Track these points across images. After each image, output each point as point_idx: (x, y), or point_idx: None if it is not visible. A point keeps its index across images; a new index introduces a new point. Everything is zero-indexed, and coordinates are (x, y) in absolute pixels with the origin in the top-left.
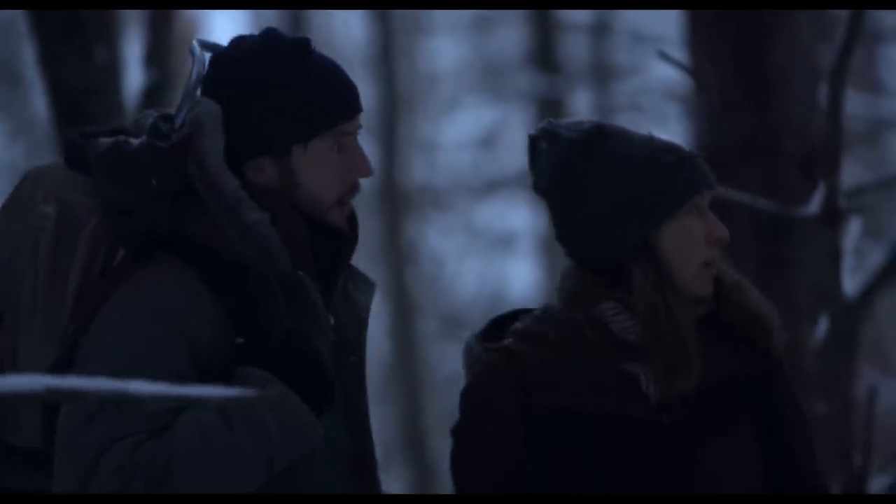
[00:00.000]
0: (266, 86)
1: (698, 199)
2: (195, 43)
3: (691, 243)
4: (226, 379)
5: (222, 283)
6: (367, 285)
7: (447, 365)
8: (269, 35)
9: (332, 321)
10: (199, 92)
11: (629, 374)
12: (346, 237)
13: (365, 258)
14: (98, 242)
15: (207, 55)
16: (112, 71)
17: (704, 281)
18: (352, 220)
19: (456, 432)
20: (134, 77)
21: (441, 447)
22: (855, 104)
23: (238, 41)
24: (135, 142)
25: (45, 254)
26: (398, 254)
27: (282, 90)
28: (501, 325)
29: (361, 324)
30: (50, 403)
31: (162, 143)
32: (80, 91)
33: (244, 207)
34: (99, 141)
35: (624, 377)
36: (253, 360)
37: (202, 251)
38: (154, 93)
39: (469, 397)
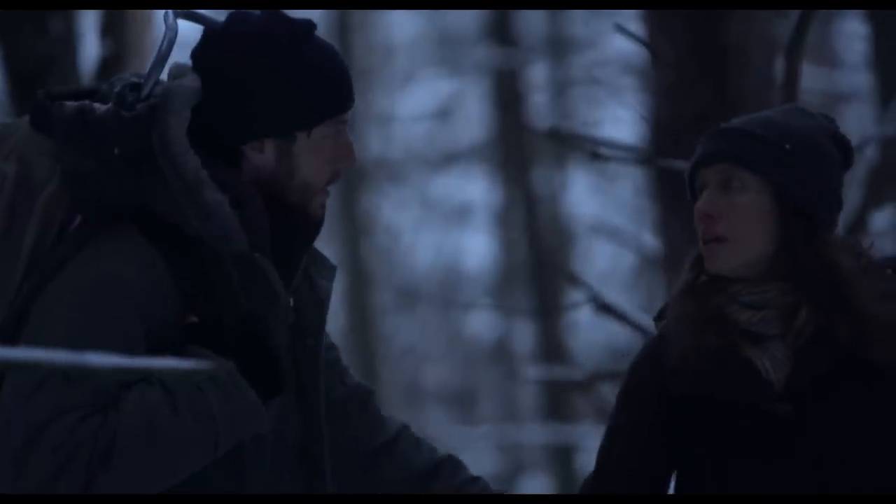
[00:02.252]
0: (275, 69)
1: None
2: (169, 12)
3: None
4: (174, 356)
5: (179, 259)
6: (329, 268)
7: (402, 337)
8: (274, 15)
9: (291, 303)
10: (187, 64)
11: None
12: (320, 223)
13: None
14: (55, 207)
15: (180, 24)
16: (68, 42)
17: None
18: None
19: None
20: (90, 48)
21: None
22: (810, 78)
23: (240, 17)
24: (100, 108)
25: (1, 215)
26: (353, 226)
27: (291, 75)
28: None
29: (321, 307)
30: None
31: (126, 113)
32: (35, 62)
33: (204, 187)
34: (64, 105)
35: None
36: (204, 340)
37: (162, 225)
38: (110, 64)
39: (626, 373)
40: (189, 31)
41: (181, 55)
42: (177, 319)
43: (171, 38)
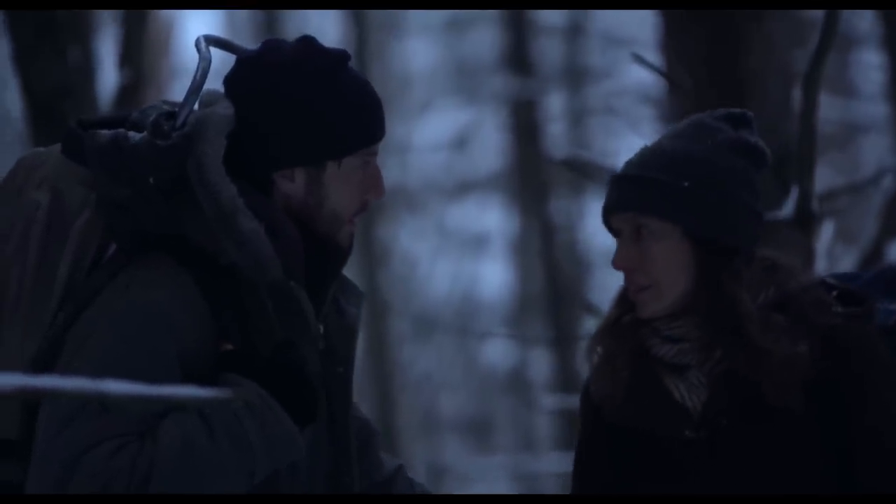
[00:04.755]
0: (308, 99)
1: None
2: (200, 38)
3: None
4: (210, 385)
5: (214, 287)
6: (357, 295)
7: (419, 366)
8: (309, 44)
9: (321, 330)
10: (218, 91)
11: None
12: (348, 252)
13: None
14: (90, 236)
15: (212, 52)
16: (86, 70)
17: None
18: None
19: None
20: (108, 77)
21: (413, 448)
22: (828, 108)
23: (274, 46)
24: (135, 137)
25: (35, 244)
26: (371, 254)
27: (323, 106)
28: None
29: (351, 334)
30: (29, 400)
31: (161, 142)
32: (53, 90)
33: (240, 215)
34: (98, 133)
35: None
36: (240, 368)
37: (196, 253)
38: (128, 92)
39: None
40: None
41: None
42: (212, 348)
43: (204, 68)
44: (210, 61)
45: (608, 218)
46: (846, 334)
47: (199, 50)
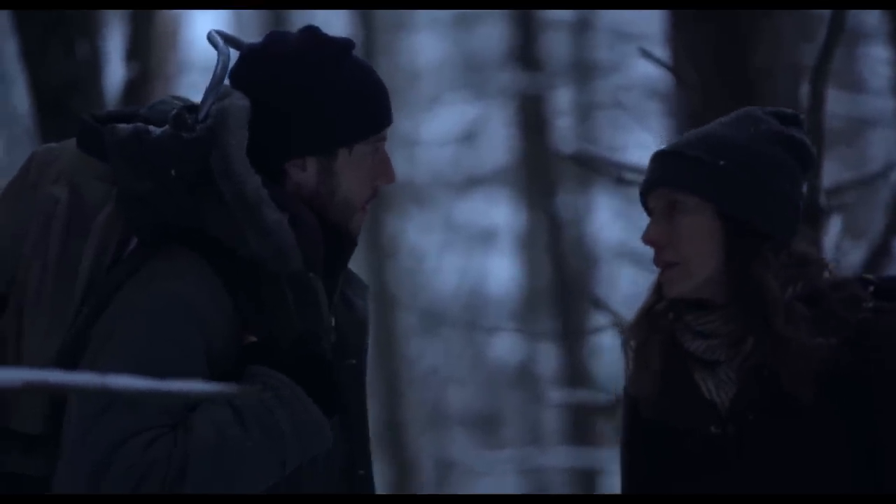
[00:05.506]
0: (313, 89)
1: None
2: (214, 34)
3: None
4: (235, 376)
5: (236, 279)
6: (362, 287)
7: (426, 360)
8: (313, 33)
9: (332, 322)
10: (226, 84)
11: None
12: (356, 242)
13: None
14: (111, 231)
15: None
16: (93, 65)
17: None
18: None
19: None
20: (115, 72)
21: (420, 443)
22: (836, 103)
23: (279, 37)
24: (155, 130)
25: (55, 239)
26: (378, 249)
27: (329, 94)
28: None
29: (362, 327)
30: (55, 395)
31: (186, 135)
32: (61, 85)
33: (264, 206)
34: (117, 127)
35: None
36: (265, 359)
37: (218, 246)
38: (135, 86)
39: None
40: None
41: (207, 78)
42: (235, 339)
43: (224, 61)
44: (229, 55)
45: (646, 198)
46: (876, 329)
47: (215, 45)
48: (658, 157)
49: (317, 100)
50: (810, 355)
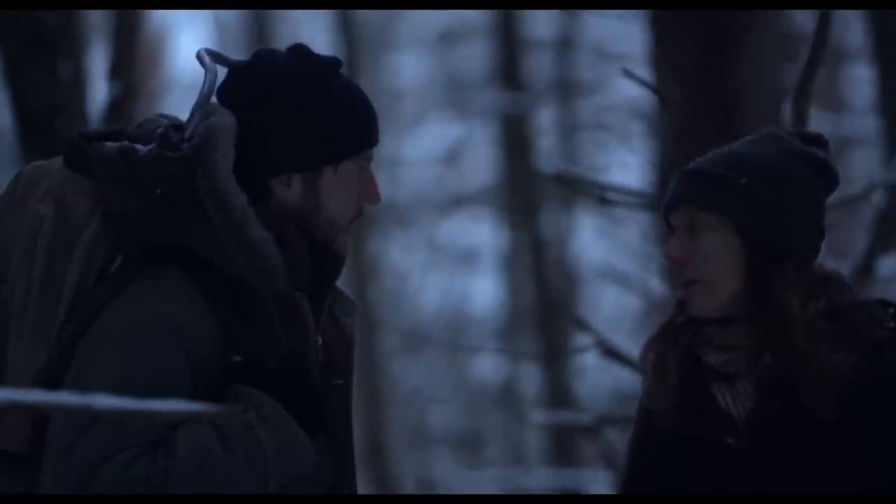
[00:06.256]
0: (300, 106)
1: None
2: (202, 51)
3: None
4: (220, 396)
5: (221, 298)
6: (350, 306)
7: (409, 380)
8: (301, 51)
9: (319, 341)
10: (212, 101)
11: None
12: (343, 261)
13: None
14: (97, 248)
15: (194, 66)
16: (77, 85)
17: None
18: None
19: None
20: (99, 91)
21: (403, 462)
22: (818, 122)
23: (266, 54)
24: (142, 149)
25: (41, 256)
26: (361, 269)
27: (316, 112)
28: None
29: (349, 346)
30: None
31: (172, 154)
32: (45, 105)
33: (250, 225)
34: (104, 145)
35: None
36: (249, 379)
37: (203, 265)
38: (118, 106)
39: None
40: (201, 73)
41: (190, 97)
42: (220, 359)
43: (211, 80)
44: (216, 73)
45: (668, 215)
46: None
47: (203, 63)
48: (681, 176)
49: (303, 116)
50: (830, 371)
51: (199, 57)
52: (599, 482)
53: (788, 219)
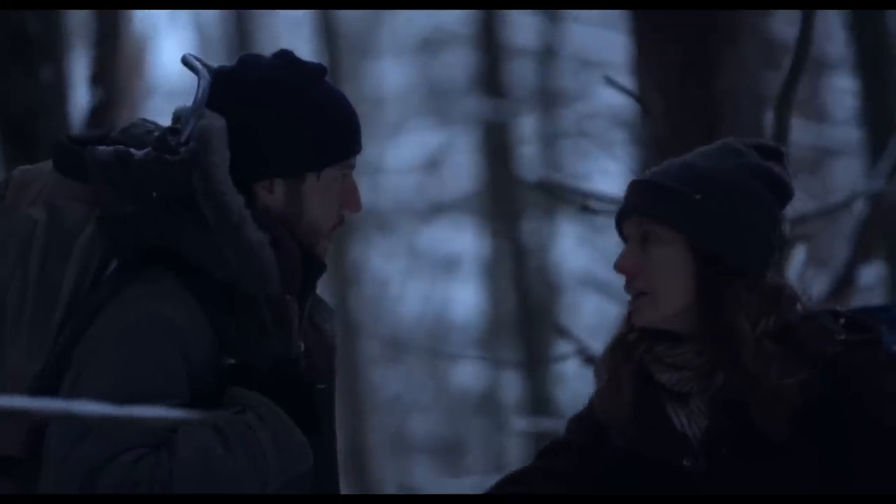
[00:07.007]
0: (284, 112)
1: None
2: (190, 57)
3: None
4: (215, 398)
5: (215, 302)
6: (328, 311)
7: (389, 387)
8: (286, 58)
9: (302, 346)
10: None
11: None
12: (324, 267)
13: None
14: (92, 252)
15: (173, 73)
16: (58, 90)
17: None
18: None
19: None
20: (80, 95)
21: (383, 469)
22: (800, 132)
23: (252, 60)
24: (137, 153)
25: (35, 261)
26: (342, 276)
27: (300, 118)
28: None
29: (331, 350)
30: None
31: (170, 157)
32: (26, 110)
33: (247, 226)
34: (98, 149)
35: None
36: (244, 381)
37: (196, 268)
38: (100, 111)
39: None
40: (182, 79)
41: (171, 102)
42: (214, 361)
43: (205, 85)
44: (209, 78)
45: (621, 225)
46: (847, 362)
47: (193, 67)
48: (634, 186)
49: (287, 122)
50: (780, 393)
51: (188, 62)
52: None
53: (742, 237)
